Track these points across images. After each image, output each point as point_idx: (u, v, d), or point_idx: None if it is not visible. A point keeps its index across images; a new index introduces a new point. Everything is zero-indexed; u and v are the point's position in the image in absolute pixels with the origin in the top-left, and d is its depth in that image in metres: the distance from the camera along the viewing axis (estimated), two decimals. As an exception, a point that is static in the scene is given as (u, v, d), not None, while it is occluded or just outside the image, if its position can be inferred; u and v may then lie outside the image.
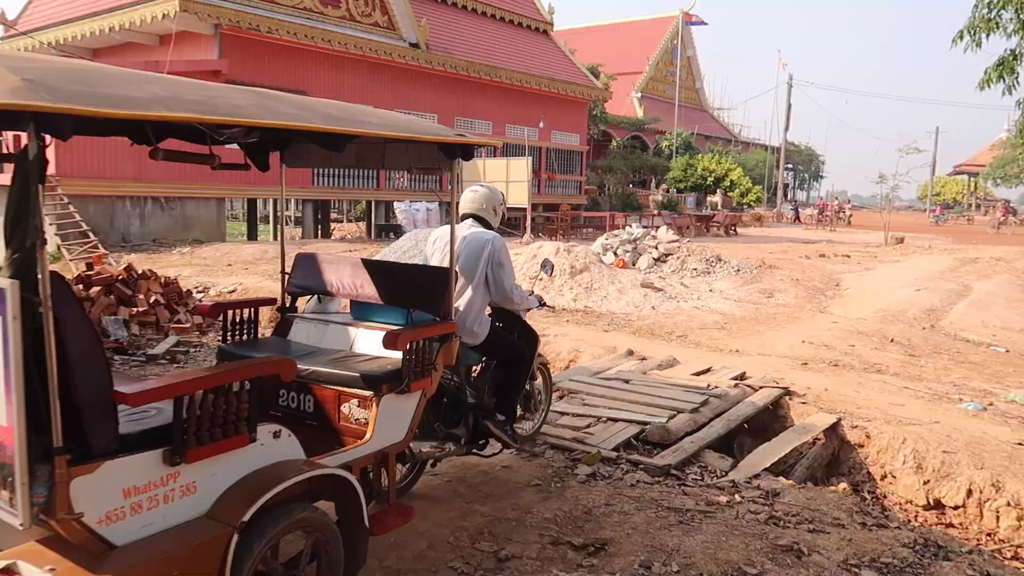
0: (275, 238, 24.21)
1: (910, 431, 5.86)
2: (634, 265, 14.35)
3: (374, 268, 3.92)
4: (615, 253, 14.54)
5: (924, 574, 3.66)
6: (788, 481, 5.05)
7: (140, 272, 9.40)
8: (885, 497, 5.46)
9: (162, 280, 9.57)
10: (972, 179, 64.41)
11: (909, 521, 4.90)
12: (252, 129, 3.10)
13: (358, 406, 3.33)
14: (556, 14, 30.66)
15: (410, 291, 3.77)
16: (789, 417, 6.49)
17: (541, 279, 10.98)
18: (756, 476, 5.04)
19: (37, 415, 2.10)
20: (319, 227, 22.96)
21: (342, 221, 32.64)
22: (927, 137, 60.36)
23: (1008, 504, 4.94)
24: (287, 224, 28.90)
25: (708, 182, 40.09)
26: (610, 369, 7.32)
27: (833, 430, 6.12)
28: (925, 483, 5.38)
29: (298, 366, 3.03)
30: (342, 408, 3.38)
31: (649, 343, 8.77)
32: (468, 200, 4.38)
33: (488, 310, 4.38)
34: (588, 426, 5.66)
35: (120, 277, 8.94)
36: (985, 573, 3.77)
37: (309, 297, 4.21)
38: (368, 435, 3.24)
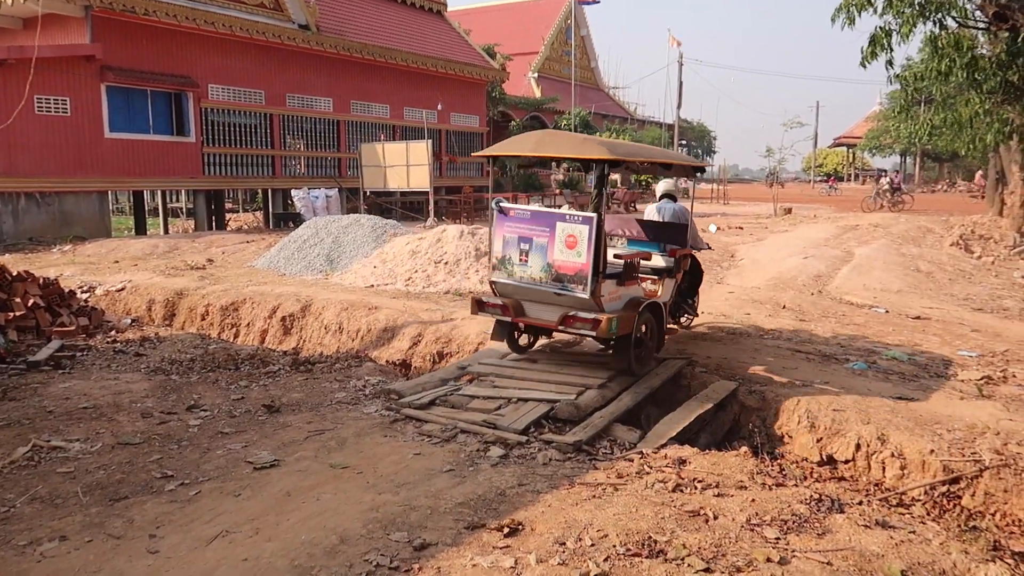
0: (165, 231, 23.05)
1: (803, 392, 6.18)
2: (538, 245, 14.42)
3: (643, 223, 7.74)
4: (519, 234, 14.62)
5: (820, 527, 3.87)
6: (693, 449, 5.23)
7: (15, 274, 8.77)
8: (783, 457, 5.73)
9: (41, 281, 8.97)
10: (850, 150, 68.11)
11: (805, 478, 5.17)
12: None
13: (651, 284, 7.19)
14: (449, -6, 30.34)
15: (664, 234, 7.59)
16: (692, 386, 6.72)
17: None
18: (663, 446, 5.19)
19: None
20: (213, 218, 21.94)
21: (237, 211, 31.41)
22: (808, 111, 63.38)
23: (892, 455, 5.29)
24: (178, 216, 27.69)
25: (607, 160, 40.74)
26: (519, 349, 7.40)
27: (733, 396, 6.38)
28: (818, 441, 5.69)
29: None
30: (643, 285, 6.91)
31: (556, 322, 8.85)
32: (664, 186, 8.32)
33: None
34: (498, 408, 5.68)
35: (-9, 280, 8.32)
36: (873, 521, 4.02)
37: None
38: (660, 294, 7.05)
